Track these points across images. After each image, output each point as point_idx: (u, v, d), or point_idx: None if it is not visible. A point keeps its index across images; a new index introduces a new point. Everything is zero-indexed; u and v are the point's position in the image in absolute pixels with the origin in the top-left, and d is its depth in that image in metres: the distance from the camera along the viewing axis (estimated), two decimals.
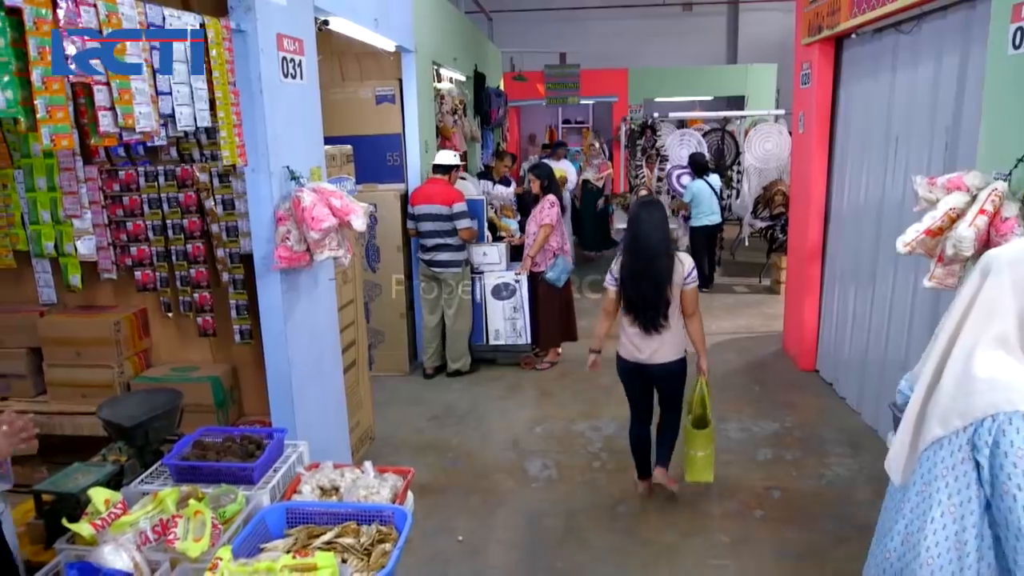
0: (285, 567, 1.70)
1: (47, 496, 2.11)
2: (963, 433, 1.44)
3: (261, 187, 2.98)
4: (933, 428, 1.49)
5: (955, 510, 1.47)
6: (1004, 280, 1.45)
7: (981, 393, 1.41)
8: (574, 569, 3.28)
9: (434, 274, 5.56)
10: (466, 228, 5.38)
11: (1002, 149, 2.98)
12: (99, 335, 3.28)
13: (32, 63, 1.73)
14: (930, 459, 1.51)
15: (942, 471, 1.48)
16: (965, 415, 1.42)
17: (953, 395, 1.45)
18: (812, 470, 4.12)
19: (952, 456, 1.46)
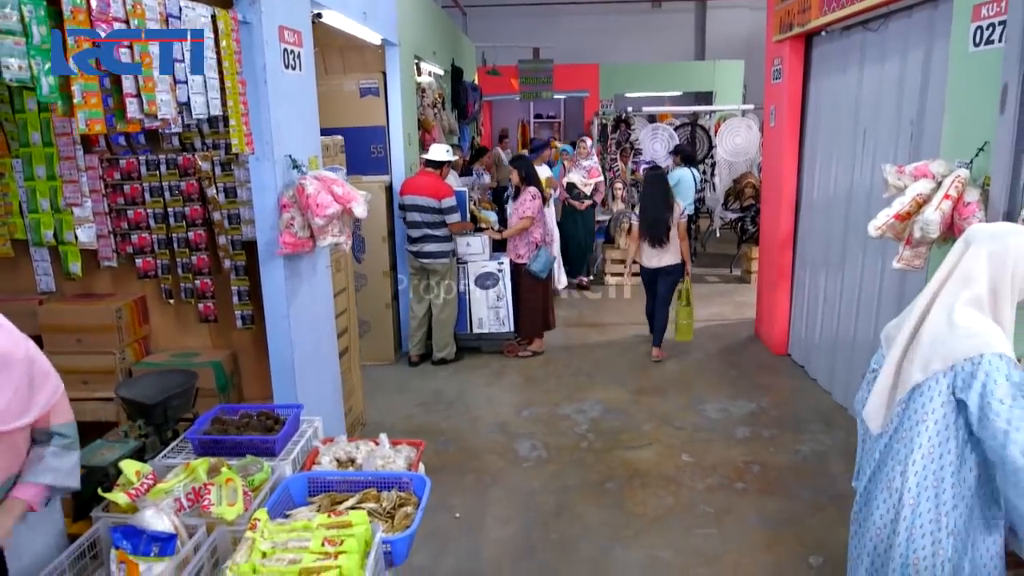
0: (321, 525, 1.81)
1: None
2: (943, 377, 1.63)
3: (265, 175, 3.06)
4: (913, 375, 1.67)
5: (934, 451, 1.66)
6: (982, 250, 1.65)
7: (961, 339, 1.61)
8: (569, 541, 3.44)
9: (422, 265, 5.66)
10: (457, 222, 5.51)
11: (964, 139, 3.21)
12: (101, 322, 3.33)
13: (69, 51, 1.81)
14: (910, 406, 1.69)
15: (922, 416, 1.67)
16: (946, 358, 1.62)
17: (933, 343, 1.64)
18: (788, 446, 4.34)
19: (932, 400, 1.65)
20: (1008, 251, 1.65)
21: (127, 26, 2.04)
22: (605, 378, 5.55)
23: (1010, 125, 2.83)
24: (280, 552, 1.70)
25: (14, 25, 1.63)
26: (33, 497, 1.79)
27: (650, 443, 4.43)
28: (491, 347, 6.18)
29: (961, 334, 1.62)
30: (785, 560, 3.24)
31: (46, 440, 1.85)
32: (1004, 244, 1.66)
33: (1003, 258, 1.66)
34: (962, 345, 1.61)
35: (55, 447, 1.85)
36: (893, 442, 1.78)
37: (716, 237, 10.34)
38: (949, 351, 1.62)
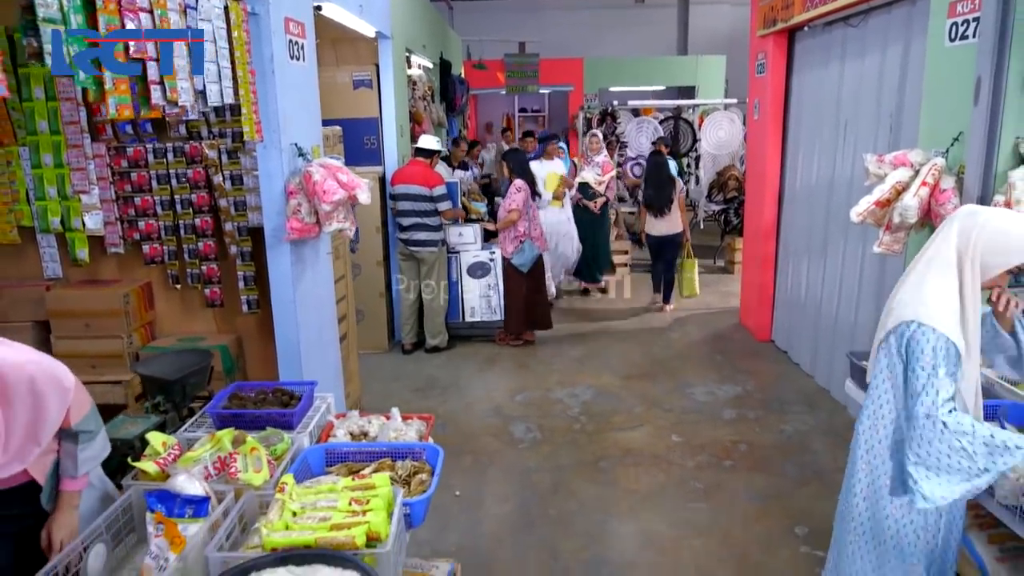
0: (346, 488, 1.92)
1: None
2: (893, 335, 1.87)
3: (272, 162, 3.15)
4: (879, 335, 1.92)
5: (883, 396, 1.92)
6: (955, 225, 1.82)
7: (896, 309, 1.88)
8: (566, 516, 3.57)
9: (411, 253, 5.76)
10: (449, 209, 5.62)
11: (940, 130, 3.38)
12: (109, 307, 3.40)
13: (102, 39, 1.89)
14: (879, 361, 1.92)
15: (879, 369, 1.92)
16: (898, 318, 1.87)
17: (900, 304, 1.86)
18: (773, 426, 4.51)
19: (888, 356, 1.88)
20: (975, 226, 1.83)
21: (151, 15, 2.13)
22: (595, 364, 5.69)
23: (983, 116, 3.01)
24: (310, 511, 1.81)
25: (55, 14, 1.72)
26: (81, 485, 1.94)
27: (641, 424, 4.58)
28: (482, 335, 6.29)
29: (897, 305, 1.86)
30: (773, 530, 3.40)
31: (73, 439, 1.92)
32: (974, 220, 1.83)
33: (969, 232, 1.83)
34: (910, 309, 1.83)
35: (84, 443, 1.93)
36: (871, 388, 1.98)
37: (700, 229, 10.53)
38: (901, 312, 1.85)
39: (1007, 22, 2.88)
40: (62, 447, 1.92)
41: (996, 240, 1.79)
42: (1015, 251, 1.78)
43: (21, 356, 1.74)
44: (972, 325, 1.85)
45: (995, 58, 2.93)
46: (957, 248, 1.83)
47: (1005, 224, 1.82)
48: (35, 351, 1.81)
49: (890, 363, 1.91)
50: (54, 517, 1.88)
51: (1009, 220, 1.84)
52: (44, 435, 1.78)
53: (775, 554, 3.23)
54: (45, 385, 1.76)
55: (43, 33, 1.68)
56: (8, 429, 1.67)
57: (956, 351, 1.78)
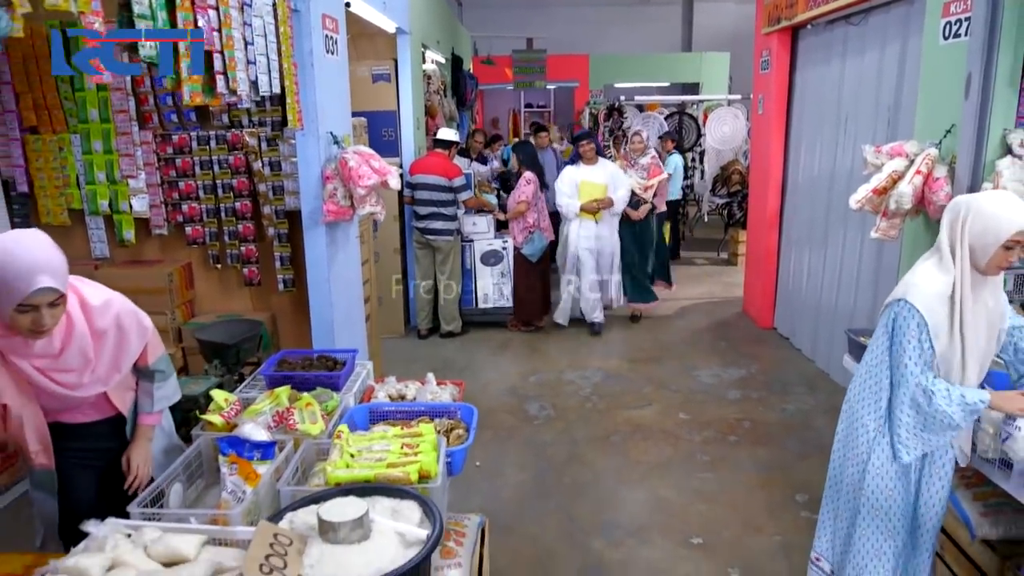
0: (396, 436, 2.15)
1: None
2: (887, 309, 2.16)
3: (310, 149, 3.38)
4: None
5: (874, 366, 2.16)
6: (945, 218, 2.08)
7: (904, 282, 2.14)
8: (580, 484, 3.81)
9: (427, 241, 5.99)
10: (470, 198, 5.87)
11: (934, 123, 3.60)
12: (155, 285, 3.63)
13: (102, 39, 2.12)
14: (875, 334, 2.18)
15: (876, 340, 2.16)
16: (892, 295, 2.15)
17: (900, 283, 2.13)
18: (776, 405, 4.75)
19: (882, 327, 2.14)
20: (959, 217, 2.06)
21: (217, 12, 2.35)
22: (604, 349, 5.92)
23: (974, 109, 3.23)
24: (366, 454, 2.04)
25: (145, 10, 1.94)
26: (155, 420, 2.22)
27: (649, 403, 4.81)
28: (495, 321, 6.52)
29: (907, 281, 2.11)
30: (775, 497, 3.63)
31: (150, 378, 2.19)
32: (958, 211, 2.07)
33: (955, 223, 2.07)
34: (901, 287, 2.10)
35: (159, 381, 2.20)
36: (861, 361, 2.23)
37: (704, 222, 10.76)
38: (894, 292, 2.11)
39: (996, 22, 3.09)
40: (140, 386, 2.17)
41: (982, 222, 2.00)
42: (1003, 227, 1.98)
43: (108, 294, 2.01)
44: (969, 307, 2.06)
45: (985, 55, 3.15)
46: (948, 239, 2.06)
47: (987, 206, 2.04)
48: (118, 293, 2.06)
49: (881, 336, 2.17)
50: (132, 446, 2.13)
51: (990, 200, 2.06)
52: (124, 364, 2.03)
53: (777, 518, 3.46)
54: (127, 320, 2.02)
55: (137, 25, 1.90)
56: (96, 355, 1.91)
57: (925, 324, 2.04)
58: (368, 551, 1.62)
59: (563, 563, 3.14)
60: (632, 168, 6.29)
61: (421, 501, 1.80)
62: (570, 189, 5.95)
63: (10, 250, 1.66)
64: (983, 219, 2.01)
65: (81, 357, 1.87)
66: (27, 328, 1.70)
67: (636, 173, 6.24)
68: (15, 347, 1.76)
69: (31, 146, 3.59)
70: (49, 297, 1.70)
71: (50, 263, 1.70)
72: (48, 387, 1.80)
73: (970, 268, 2.04)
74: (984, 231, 2.00)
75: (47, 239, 1.76)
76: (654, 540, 3.31)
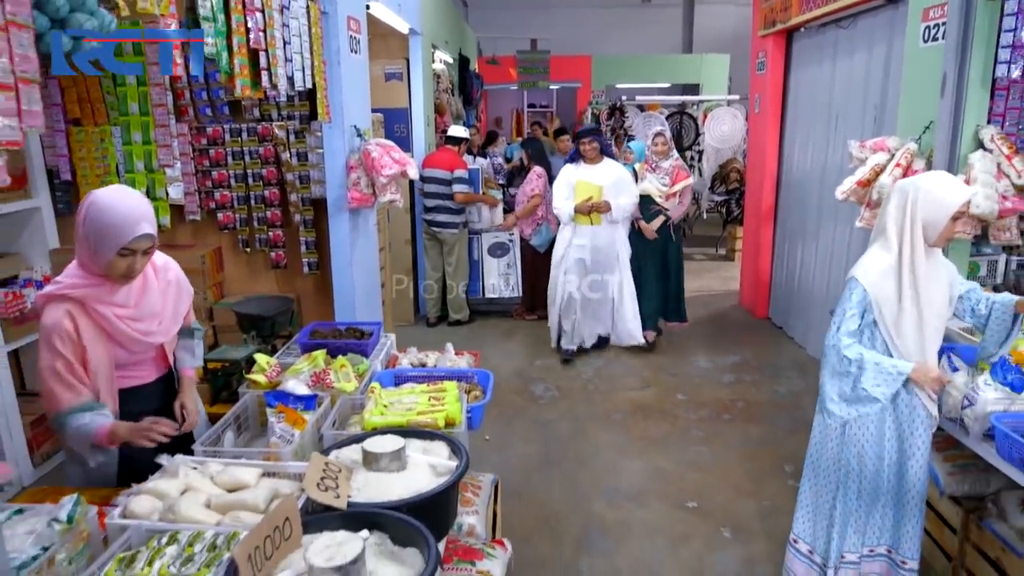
0: (423, 391, 2.42)
1: (213, 364, 2.78)
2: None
3: (336, 141, 3.65)
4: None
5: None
6: (892, 200, 2.36)
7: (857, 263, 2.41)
8: (583, 456, 4.08)
9: (433, 233, 6.26)
10: (461, 191, 6.05)
11: (915, 119, 3.87)
12: (188, 267, 3.82)
13: (234, 31, 2.39)
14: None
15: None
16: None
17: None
18: (768, 387, 5.02)
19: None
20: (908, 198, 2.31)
21: (262, 14, 2.62)
22: None
23: (948, 107, 3.50)
24: (398, 405, 2.31)
25: (208, 13, 2.21)
26: (194, 375, 2.47)
27: (648, 386, 5.08)
28: (501, 310, 6.79)
29: (860, 262, 2.41)
30: (764, 468, 3.91)
31: (190, 335, 2.45)
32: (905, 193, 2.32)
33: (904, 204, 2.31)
34: (854, 268, 2.41)
35: (197, 339, 2.46)
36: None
37: (703, 219, 11.03)
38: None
39: (968, 27, 3.37)
40: (181, 343, 2.42)
41: (931, 200, 2.27)
42: (950, 202, 2.26)
43: (165, 257, 2.28)
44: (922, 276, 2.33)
45: (958, 57, 3.42)
46: (896, 221, 2.32)
47: (933, 185, 2.30)
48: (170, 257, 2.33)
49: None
50: (182, 395, 2.36)
51: (934, 181, 2.32)
52: (180, 318, 2.29)
53: (765, 485, 3.74)
54: (183, 281, 2.31)
55: (203, 27, 2.18)
56: (162, 307, 2.18)
57: (867, 297, 2.32)
58: (405, 478, 1.88)
59: (567, 522, 3.41)
60: (653, 172, 5.42)
61: (448, 441, 2.07)
62: (566, 190, 5.24)
63: (117, 198, 1.91)
64: (931, 197, 2.28)
65: (152, 308, 2.13)
66: (121, 273, 1.95)
67: (657, 178, 5.38)
68: (101, 296, 1.99)
69: (74, 137, 3.85)
70: (146, 244, 1.95)
71: (147, 213, 1.96)
72: (128, 333, 2.05)
73: (922, 243, 2.31)
74: (935, 207, 2.27)
75: (141, 194, 2.02)
76: (651, 504, 3.58)
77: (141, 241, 1.93)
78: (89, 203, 1.93)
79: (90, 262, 1.96)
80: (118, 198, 1.92)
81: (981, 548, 2.76)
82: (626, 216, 5.27)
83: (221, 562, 1.55)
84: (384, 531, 1.62)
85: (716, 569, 3.07)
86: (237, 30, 2.41)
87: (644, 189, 5.37)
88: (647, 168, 5.51)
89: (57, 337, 1.93)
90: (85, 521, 1.69)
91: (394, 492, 1.82)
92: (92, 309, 1.98)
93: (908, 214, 2.30)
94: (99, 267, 1.95)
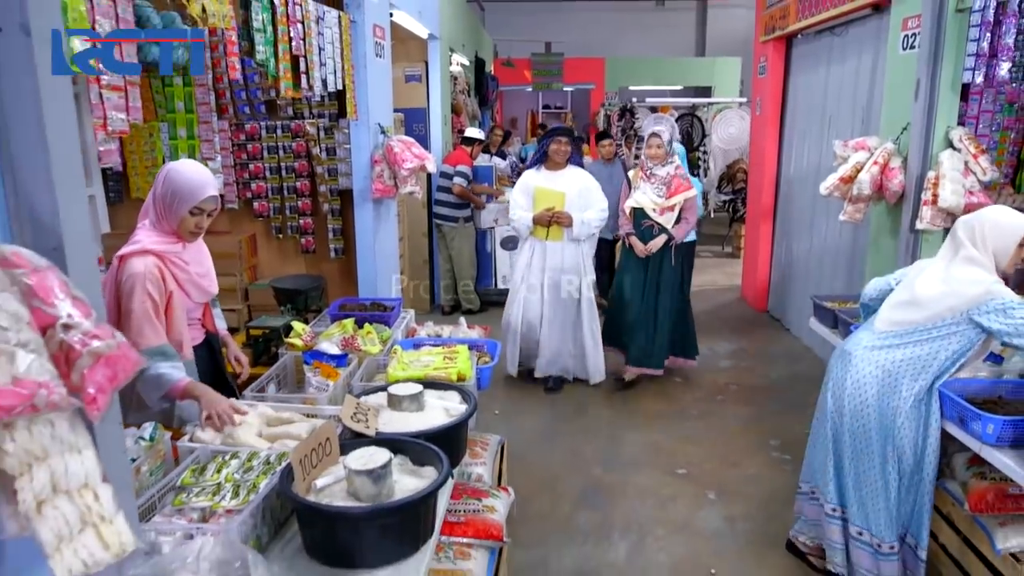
0: (439, 352, 2.79)
1: (255, 331, 3.16)
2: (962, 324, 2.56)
3: (362, 137, 4.03)
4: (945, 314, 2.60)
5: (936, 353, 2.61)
6: (963, 231, 2.56)
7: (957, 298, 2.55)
8: (587, 429, 4.42)
9: (438, 225, 6.63)
10: (458, 184, 6.34)
11: (895, 122, 4.18)
12: (228, 251, 4.29)
13: (279, 40, 2.77)
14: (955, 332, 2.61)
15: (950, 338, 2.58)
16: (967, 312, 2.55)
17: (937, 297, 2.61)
18: (761, 373, 5.34)
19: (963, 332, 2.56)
20: (973, 231, 2.53)
21: (302, 26, 3.00)
22: None
23: (922, 110, 3.82)
24: (416, 363, 2.68)
25: (260, 25, 2.59)
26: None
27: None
28: None
29: (979, 288, 2.47)
30: (752, 442, 4.23)
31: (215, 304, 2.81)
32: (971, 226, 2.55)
33: (973, 237, 2.53)
34: (983, 294, 2.46)
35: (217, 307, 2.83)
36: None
37: (711, 218, 11.33)
38: (962, 297, 2.51)
39: (940, 36, 3.68)
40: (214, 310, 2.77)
41: (999, 230, 2.50)
42: (1013, 229, 2.50)
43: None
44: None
45: (931, 64, 3.74)
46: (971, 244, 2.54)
47: (998, 217, 2.53)
48: None
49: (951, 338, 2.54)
50: (232, 350, 2.73)
51: (997, 213, 2.56)
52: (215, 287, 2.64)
53: (752, 457, 4.07)
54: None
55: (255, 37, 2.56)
56: (209, 266, 2.54)
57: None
58: (423, 417, 2.25)
59: (568, 483, 3.77)
60: (648, 181, 4.53)
61: (459, 390, 2.44)
62: (523, 199, 4.54)
63: (190, 167, 2.30)
64: (999, 228, 2.52)
65: (206, 266, 2.51)
66: (190, 230, 2.31)
67: (652, 188, 4.50)
68: (173, 252, 2.35)
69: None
70: (211, 205, 2.31)
71: (213, 181, 2.32)
72: (197, 283, 2.42)
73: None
74: (1004, 236, 2.51)
75: (207, 167, 2.39)
76: (645, 470, 3.92)
77: (208, 202, 2.29)
78: (168, 170, 2.29)
79: (164, 221, 2.30)
80: (191, 167, 2.31)
81: (937, 505, 3.08)
82: (588, 233, 4.51)
83: (276, 472, 1.92)
84: (406, 454, 1.99)
85: (699, 524, 3.41)
86: (282, 39, 2.79)
87: (637, 201, 4.52)
88: (641, 176, 4.58)
89: (149, 281, 2.24)
90: (163, 442, 2.07)
91: (413, 427, 2.18)
92: (169, 261, 2.33)
93: (978, 244, 2.51)
94: (172, 225, 2.29)
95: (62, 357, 1.12)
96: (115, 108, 1.68)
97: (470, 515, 2.51)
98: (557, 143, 4.49)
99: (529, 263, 4.60)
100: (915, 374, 2.64)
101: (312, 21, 3.11)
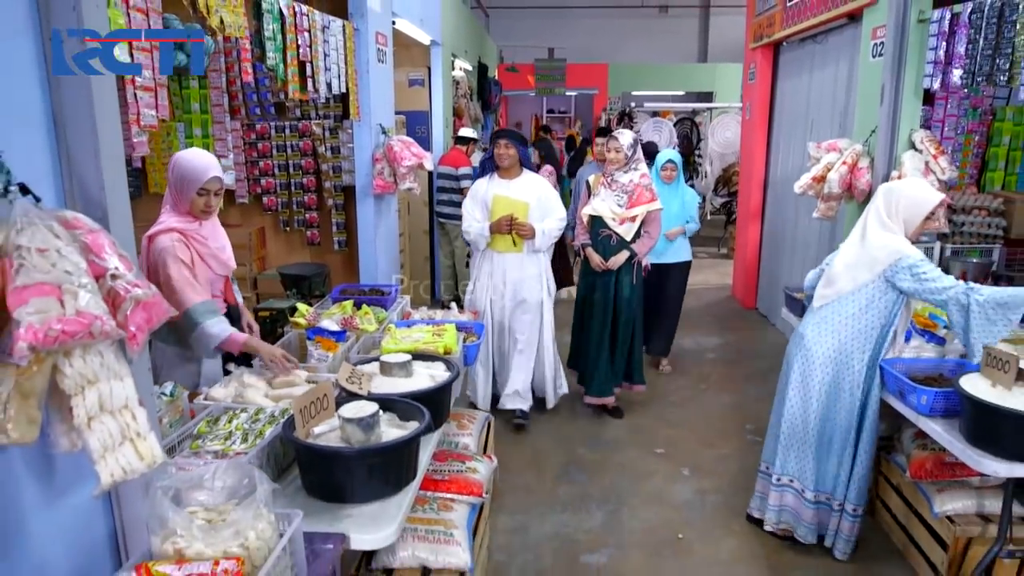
0: (428, 331, 3.07)
1: (263, 312, 3.46)
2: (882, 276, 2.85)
3: (364, 137, 4.33)
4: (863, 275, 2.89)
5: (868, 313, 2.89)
6: (879, 200, 2.85)
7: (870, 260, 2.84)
8: (570, 414, 4.68)
9: (441, 223, 6.92)
10: (467, 187, 6.68)
11: (866, 125, 4.44)
12: (238, 242, 4.54)
13: (288, 47, 3.07)
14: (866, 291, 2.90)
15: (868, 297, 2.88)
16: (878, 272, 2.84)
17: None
18: (745, 364, 5.60)
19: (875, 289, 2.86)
20: (892, 199, 2.82)
21: (308, 33, 3.30)
22: None
23: (887, 113, 4.08)
24: (408, 339, 2.96)
25: (271, 33, 2.89)
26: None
27: None
28: None
29: (885, 248, 2.76)
30: (728, 426, 4.49)
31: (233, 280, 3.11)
32: (891, 194, 2.83)
33: (890, 204, 2.81)
34: (892, 254, 2.76)
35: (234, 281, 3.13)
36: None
37: (707, 220, 11.57)
38: (876, 259, 2.79)
39: (903, 45, 3.95)
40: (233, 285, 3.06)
41: (911, 201, 2.77)
42: (928, 202, 2.78)
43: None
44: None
45: (895, 71, 4.00)
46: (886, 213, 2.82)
47: (910, 189, 2.82)
48: None
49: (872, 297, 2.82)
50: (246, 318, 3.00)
51: (910, 185, 2.85)
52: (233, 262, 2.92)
53: (728, 439, 4.33)
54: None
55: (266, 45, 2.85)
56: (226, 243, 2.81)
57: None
58: (411, 382, 2.53)
59: (551, 459, 4.04)
60: (608, 188, 4.23)
61: (445, 361, 2.72)
62: (478, 211, 4.18)
63: (193, 154, 2.59)
64: (913, 200, 2.80)
65: (224, 242, 2.79)
66: (201, 209, 2.59)
67: (612, 195, 4.20)
68: (193, 229, 2.63)
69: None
70: (216, 185, 2.59)
71: (215, 164, 2.58)
72: (218, 257, 2.70)
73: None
74: (915, 207, 2.78)
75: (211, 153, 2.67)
76: (625, 450, 4.19)
77: (212, 183, 2.57)
78: (176, 159, 2.59)
79: (178, 203, 2.59)
80: (194, 153, 2.61)
81: (888, 477, 3.34)
82: (549, 242, 4.20)
83: (279, 423, 2.20)
84: (393, 411, 2.26)
85: (672, 497, 3.68)
86: (291, 46, 3.09)
87: (595, 208, 4.23)
88: (602, 182, 4.29)
89: (179, 250, 2.53)
90: (181, 399, 2.36)
91: (402, 390, 2.46)
92: (190, 237, 2.62)
93: (894, 211, 2.78)
94: (185, 205, 2.58)
95: (110, 301, 1.41)
96: (147, 106, 1.98)
97: (454, 474, 2.79)
98: (498, 146, 4.10)
99: (488, 286, 4.27)
100: (863, 346, 2.90)
101: (318, 30, 3.40)
